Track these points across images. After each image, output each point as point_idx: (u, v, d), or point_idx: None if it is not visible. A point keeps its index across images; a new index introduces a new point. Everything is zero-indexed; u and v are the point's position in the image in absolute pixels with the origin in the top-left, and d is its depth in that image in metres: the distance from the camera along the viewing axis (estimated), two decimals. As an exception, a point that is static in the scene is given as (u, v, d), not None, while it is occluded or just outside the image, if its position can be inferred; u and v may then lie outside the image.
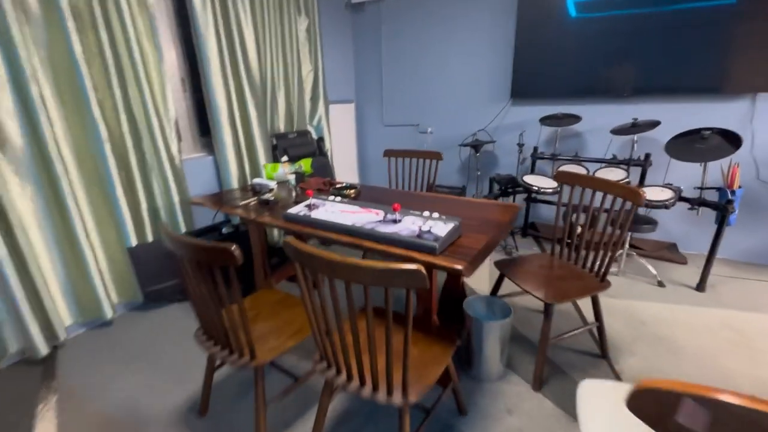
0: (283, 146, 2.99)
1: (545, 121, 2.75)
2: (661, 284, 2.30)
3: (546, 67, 2.82)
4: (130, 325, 2.08)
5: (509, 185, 2.83)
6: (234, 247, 0.99)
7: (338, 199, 1.67)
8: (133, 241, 2.08)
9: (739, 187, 2.09)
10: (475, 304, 1.71)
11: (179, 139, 2.43)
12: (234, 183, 2.58)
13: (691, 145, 2.14)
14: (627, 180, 2.44)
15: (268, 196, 1.86)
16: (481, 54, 3.12)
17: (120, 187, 1.98)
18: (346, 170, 3.92)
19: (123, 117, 1.99)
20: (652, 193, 2.23)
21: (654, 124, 2.40)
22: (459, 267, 1.12)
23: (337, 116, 3.62)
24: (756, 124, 2.35)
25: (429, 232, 1.27)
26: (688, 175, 2.58)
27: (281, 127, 3.05)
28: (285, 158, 2.99)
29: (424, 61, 3.41)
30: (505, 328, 1.55)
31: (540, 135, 3.00)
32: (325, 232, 1.42)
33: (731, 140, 2.02)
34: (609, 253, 1.55)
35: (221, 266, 1.04)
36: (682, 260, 2.60)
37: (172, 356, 1.83)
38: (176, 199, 2.27)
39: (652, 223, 2.29)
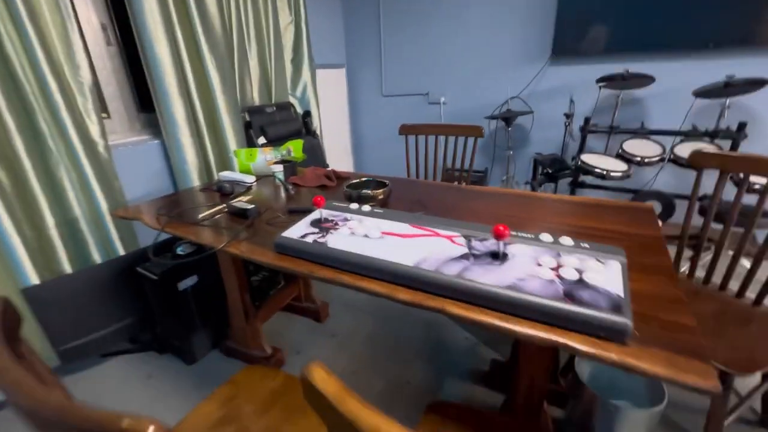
0: (260, 124, 2.25)
1: (605, 83, 2.12)
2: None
3: (602, 12, 2.16)
4: (40, 404, 1.37)
5: (555, 168, 2.22)
6: (151, 429, 0.31)
7: (366, 208, 0.99)
8: (33, 278, 1.34)
9: None
10: (592, 368, 1.10)
11: (104, 114, 1.66)
12: (194, 179, 1.84)
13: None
14: (721, 158, 1.87)
15: (242, 201, 1.16)
16: (510, 2, 2.43)
17: (-4, 195, 1.22)
18: (337, 153, 3.20)
19: (-9, 78, 1.21)
20: None
21: (758, 82, 1.82)
22: (707, 386, 0.49)
23: (323, 85, 2.86)
24: None
25: (582, 283, 0.63)
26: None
27: (255, 98, 2.29)
28: (262, 140, 2.26)
29: (435, 13, 2.68)
30: (656, 417, 0.95)
31: (596, 102, 2.36)
32: (359, 278, 0.76)
33: None
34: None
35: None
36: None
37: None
38: (104, 206, 1.53)
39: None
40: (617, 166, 2.00)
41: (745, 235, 1.09)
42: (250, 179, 1.42)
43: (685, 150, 1.96)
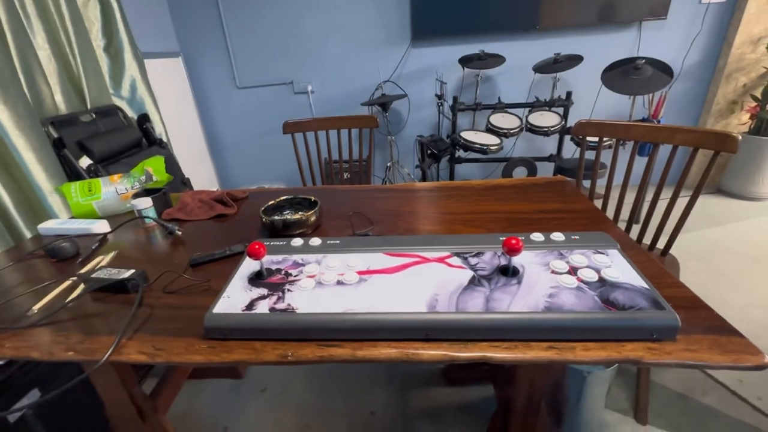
0: (76, 138, 1.64)
1: (467, 63, 2.26)
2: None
3: (451, -5, 2.28)
4: None
5: (438, 148, 2.30)
6: None
7: (316, 241, 0.76)
8: None
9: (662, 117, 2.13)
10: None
11: None
12: (-20, 236, 1.19)
13: (626, 76, 2.02)
14: (561, 124, 2.24)
15: (106, 267, 0.76)
16: (363, -21, 2.34)
17: None
18: (191, 162, 2.63)
19: None
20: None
21: (575, 58, 2.21)
22: (763, 363, 0.50)
23: (156, 79, 2.26)
24: (643, 51, 2.44)
25: (607, 283, 0.60)
26: (613, 112, 2.55)
27: (60, 103, 1.64)
28: (86, 161, 1.66)
29: (283, -11, 2.39)
30: (613, 373, 1.05)
31: (461, 81, 2.51)
32: (358, 346, 0.56)
33: (664, 70, 1.97)
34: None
35: None
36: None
37: None
38: None
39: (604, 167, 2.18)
40: (492, 140, 2.19)
41: (637, 200, 1.29)
42: (100, 226, 0.97)
43: (536, 119, 2.27)
